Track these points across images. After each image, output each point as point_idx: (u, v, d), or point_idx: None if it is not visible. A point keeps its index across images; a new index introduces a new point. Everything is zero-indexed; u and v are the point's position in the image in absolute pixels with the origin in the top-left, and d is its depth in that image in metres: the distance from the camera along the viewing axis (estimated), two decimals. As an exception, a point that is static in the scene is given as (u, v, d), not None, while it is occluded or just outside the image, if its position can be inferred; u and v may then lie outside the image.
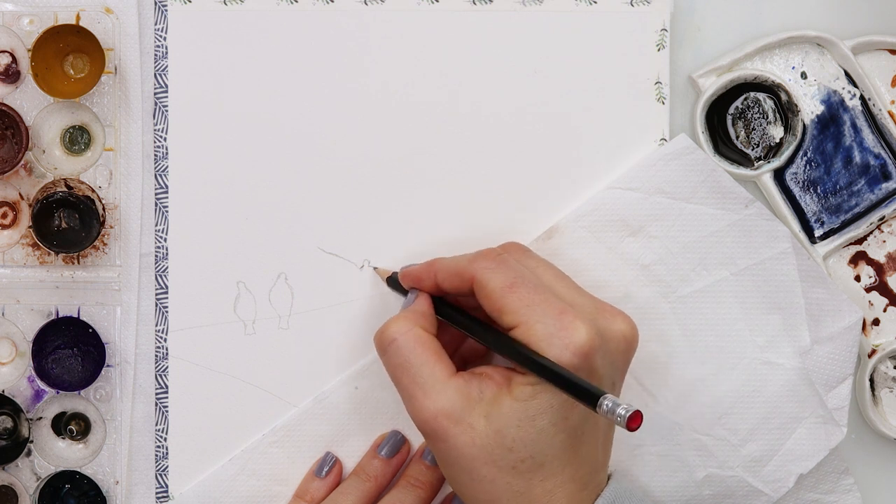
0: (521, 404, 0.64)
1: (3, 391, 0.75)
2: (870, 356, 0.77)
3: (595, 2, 0.76)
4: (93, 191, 0.74)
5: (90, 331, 0.74)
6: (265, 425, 0.76)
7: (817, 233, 0.77)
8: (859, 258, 0.78)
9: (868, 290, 0.78)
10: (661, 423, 0.75)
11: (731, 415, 0.75)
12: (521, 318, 0.65)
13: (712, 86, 0.76)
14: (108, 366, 0.75)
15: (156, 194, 0.75)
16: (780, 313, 0.76)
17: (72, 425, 0.75)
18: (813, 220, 0.77)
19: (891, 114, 0.77)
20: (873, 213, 0.77)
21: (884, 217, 0.77)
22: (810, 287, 0.76)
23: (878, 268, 0.78)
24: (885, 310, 0.78)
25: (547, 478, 0.65)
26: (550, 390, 0.64)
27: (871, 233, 0.78)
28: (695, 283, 0.75)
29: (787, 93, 0.77)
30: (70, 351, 0.75)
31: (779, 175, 0.77)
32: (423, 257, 0.73)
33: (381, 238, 0.76)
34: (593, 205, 0.75)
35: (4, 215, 0.75)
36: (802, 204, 0.77)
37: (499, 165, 0.76)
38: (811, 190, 0.77)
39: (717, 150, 0.77)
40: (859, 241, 0.78)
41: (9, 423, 0.74)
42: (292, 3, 0.75)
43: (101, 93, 0.75)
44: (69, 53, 0.75)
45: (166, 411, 0.75)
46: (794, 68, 0.77)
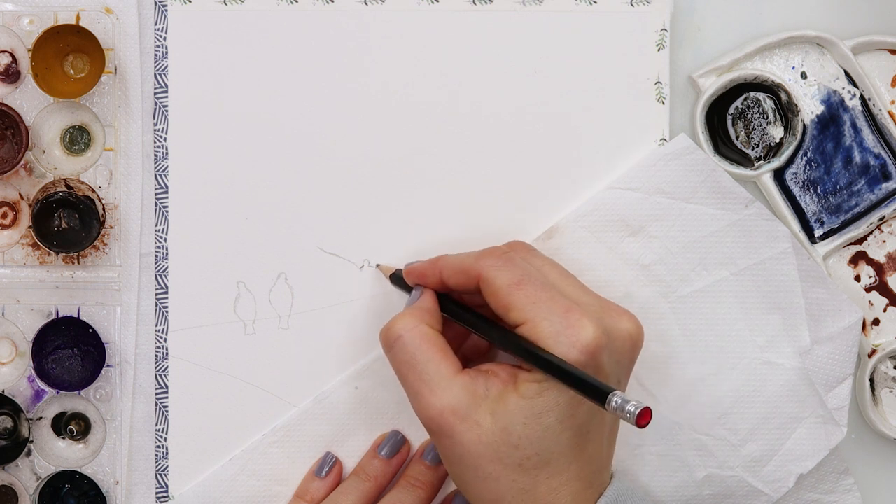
0: (528, 401, 0.64)
1: (3, 391, 0.75)
2: (870, 356, 0.77)
3: (595, 2, 0.76)
4: (93, 191, 0.74)
5: (90, 331, 0.74)
6: (265, 425, 0.75)
7: (817, 233, 0.77)
8: (859, 258, 0.78)
9: (868, 290, 0.78)
10: (661, 423, 0.75)
11: (731, 415, 0.75)
12: (528, 316, 0.65)
13: (712, 86, 0.76)
14: (108, 366, 0.75)
15: (156, 194, 0.75)
16: (780, 313, 0.76)
17: (72, 425, 0.75)
18: (813, 220, 0.77)
19: (891, 114, 0.77)
20: (873, 213, 0.77)
21: (884, 217, 0.77)
22: (810, 287, 0.76)
23: (878, 268, 0.78)
24: (885, 310, 0.78)
25: (552, 475, 0.65)
26: (557, 387, 0.64)
27: (871, 233, 0.78)
28: (695, 283, 0.75)
29: (787, 93, 0.77)
30: (70, 351, 0.75)
31: (779, 175, 0.77)
32: (423, 257, 0.73)
33: (381, 238, 0.76)
34: (593, 205, 0.75)
35: (4, 215, 0.75)
36: (802, 204, 0.77)
37: (499, 165, 0.76)
38: (811, 190, 0.77)
39: (717, 150, 0.77)
40: (859, 241, 0.78)
41: (9, 423, 0.74)
42: (292, 3, 0.75)
43: (101, 93, 0.75)
44: (69, 53, 0.75)
45: (166, 411, 0.75)
46: (794, 68, 0.77)
